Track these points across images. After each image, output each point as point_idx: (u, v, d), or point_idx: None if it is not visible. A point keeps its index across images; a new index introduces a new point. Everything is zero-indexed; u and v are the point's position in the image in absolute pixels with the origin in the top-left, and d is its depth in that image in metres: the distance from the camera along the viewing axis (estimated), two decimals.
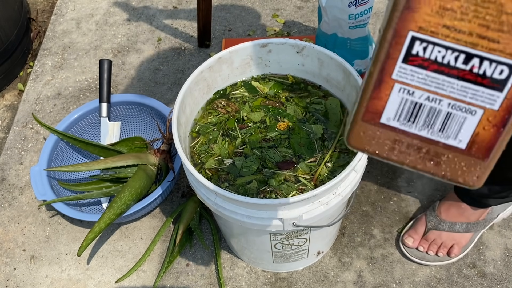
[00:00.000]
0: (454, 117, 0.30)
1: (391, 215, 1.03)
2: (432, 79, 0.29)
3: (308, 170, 0.75)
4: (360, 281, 0.96)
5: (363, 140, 0.32)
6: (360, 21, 1.04)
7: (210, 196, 0.71)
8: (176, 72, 1.31)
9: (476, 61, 0.28)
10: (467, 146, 0.30)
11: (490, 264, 0.96)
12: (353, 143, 0.32)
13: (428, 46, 0.28)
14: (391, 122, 0.31)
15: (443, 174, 0.31)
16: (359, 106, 0.31)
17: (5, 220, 1.08)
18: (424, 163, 0.31)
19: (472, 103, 0.29)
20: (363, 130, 0.31)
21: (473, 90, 0.29)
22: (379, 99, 0.30)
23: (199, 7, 1.21)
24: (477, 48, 0.27)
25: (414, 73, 0.29)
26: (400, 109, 0.30)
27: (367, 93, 0.30)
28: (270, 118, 0.82)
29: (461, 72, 0.28)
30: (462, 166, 0.31)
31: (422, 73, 0.29)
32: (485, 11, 0.26)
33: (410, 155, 0.31)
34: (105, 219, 0.87)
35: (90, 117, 1.09)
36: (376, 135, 0.31)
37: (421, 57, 0.28)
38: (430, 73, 0.29)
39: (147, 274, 0.99)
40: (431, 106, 0.30)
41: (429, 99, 0.30)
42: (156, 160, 1.00)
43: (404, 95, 0.30)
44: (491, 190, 0.86)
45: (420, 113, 0.30)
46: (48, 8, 1.55)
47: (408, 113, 0.30)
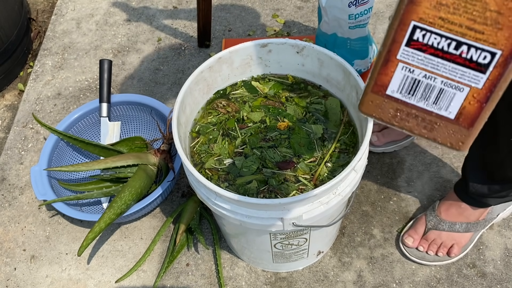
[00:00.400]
0: (446, 93, 0.36)
1: (391, 215, 1.03)
2: (429, 60, 0.35)
3: (308, 170, 0.75)
4: (360, 281, 0.96)
5: (371, 108, 0.39)
6: (360, 21, 1.04)
7: (210, 196, 0.71)
8: (176, 72, 1.31)
9: (465, 47, 0.33)
10: (456, 116, 0.37)
11: (490, 264, 0.96)
12: (363, 110, 0.39)
13: (427, 34, 0.34)
14: (394, 94, 0.38)
15: (435, 138, 0.38)
16: (370, 80, 0.38)
17: (5, 220, 1.08)
18: (420, 128, 0.38)
19: (460, 81, 0.35)
20: (371, 99, 0.38)
21: (462, 71, 0.35)
22: (385, 75, 0.37)
23: (199, 7, 1.21)
24: (465, 37, 0.33)
25: (414, 54, 0.35)
26: (402, 84, 0.37)
27: (376, 70, 0.37)
28: (270, 118, 0.82)
29: (452, 56, 0.34)
30: (450, 132, 0.37)
31: (421, 55, 0.35)
32: (472, 7, 0.32)
33: (408, 121, 0.38)
34: (105, 219, 0.87)
35: (90, 117, 1.09)
36: (382, 104, 0.38)
37: (421, 42, 0.35)
38: (427, 55, 0.35)
39: (147, 274, 0.99)
40: (427, 83, 0.36)
41: (426, 76, 0.36)
42: (156, 160, 1.00)
43: (406, 72, 0.36)
44: (491, 189, 0.86)
45: (418, 88, 0.37)
46: (48, 8, 1.55)
47: (408, 87, 0.37)
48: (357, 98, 0.76)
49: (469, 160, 0.89)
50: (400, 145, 1.10)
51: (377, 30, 1.34)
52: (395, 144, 1.09)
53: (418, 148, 1.12)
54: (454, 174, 1.08)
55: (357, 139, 0.79)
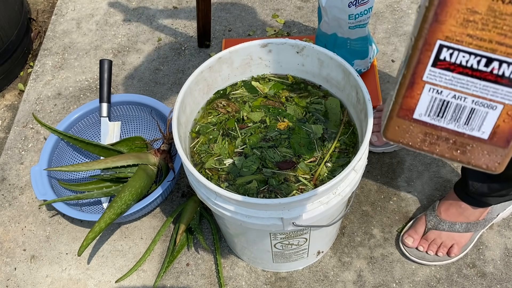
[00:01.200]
0: (477, 112, 0.34)
1: (391, 215, 1.03)
2: (457, 80, 0.33)
3: (308, 170, 0.75)
4: (360, 281, 0.96)
5: (398, 134, 0.37)
6: (360, 21, 1.04)
7: (210, 196, 0.71)
8: (176, 72, 1.31)
9: (496, 64, 0.32)
10: (489, 136, 0.35)
11: (489, 264, 0.96)
12: (389, 136, 0.38)
13: (454, 52, 0.32)
14: (422, 117, 0.36)
15: (469, 161, 0.36)
16: (394, 104, 0.36)
17: (6, 220, 1.08)
18: (451, 152, 0.36)
19: (493, 99, 0.33)
20: (398, 124, 0.36)
21: (494, 89, 0.33)
22: (411, 98, 0.35)
23: (199, 7, 1.21)
24: (496, 53, 0.32)
25: (442, 75, 0.34)
26: (430, 106, 0.35)
27: (401, 93, 0.35)
28: (270, 118, 0.82)
29: (483, 74, 0.33)
30: (485, 153, 0.35)
31: (449, 75, 0.33)
32: (502, 22, 0.30)
33: (439, 145, 0.36)
34: (105, 219, 0.87)
35: (91, 117, 1.09)
36: (410, 129, 0.36)
37: (448, 61, 0.33)
38: (456, 75, 0.33)
39: (147, 274, 0.99)
40: (457, 103, 0.34)
41: (455, 97, 0.34)
42: (156, 160, 1.00)
43: (433, 94, 0.34)
44: (491, 188, 0.86)
45: (447, 109, 0.35)
46: (49, 8, 1.55)
47: (437, 110, 0.35)
48: (357, 98, 0.76)
49: None
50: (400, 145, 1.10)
51: (377, 30, 1.34)
52: (395, 144, 1.09)
53: None
54: (454, 174, 1.08)
55: (357, 139, 0.79)
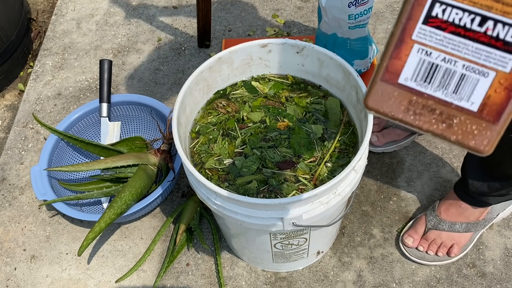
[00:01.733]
0: (468, 79, 0.31)
1: (390, 215, 1.03)
2: (448, 41, 0.31)
3: (308, 170, 0.75)
4: (360, 281, 0.96)
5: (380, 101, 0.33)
6: (360, 21, 1.04)
7: (210, 196, 0.71)
8: (176, 72, 1.31)
9: (491, 23, 0.29)
10: (479, 108, 0.31)
11: (489, 264, 0.96)
12: (370, 104, 0.33)
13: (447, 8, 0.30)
14: (408, 82, 0.32)
15: (455, 137, 0.32)
16: (379, 67, 0.32)
17: (6, 220, 1.08)
18: (437, 125, 0.32)
19: (485, 65, 0.30)
20: (381, 90, 0.33)
21: (487, 52, 0.30)
22: (398, 59, 0.32)
23: (199, 7, 1.21)
24: (491, 11, 0.29)
25: (432, 34, 0.31)
26: (418, 69, 0.32)
27: (387, 53, 0.32)
28: (270, 118, 0.82)
29: (476, 34, 0.30)
30: (473, 129, 0.32)
31: (440, 34, 0.31)
32: None
33: (424, 116, 0.32)
34: (105, 219, 0.87)
35: (91, 117, 1.09)
36: (394, 95, 0.33)
37: (440, 18, 0.30)
38: (447, 34, 0.31)
39: (147, 274, 0.99)
40: (446, 67, 0.31)
41: (445, 60, 0.31)
42: (156, 160, 1.00)
43: (422, 55, 0.31)
44: (491, 187, 0.86)
45: (436, 74, 0.32)
46: (49, 8, 1.55)
47: (424, 74, 0.32)
48: (357, 98, 0.76)
49: (468, 159, 0.89)
50: (400, 145, 1.10)
51: (377, 30, 1.34)
52: (395, 144, 1.09)
53: (418, 148, 1.12)
54: (454, 174, 1.08)
55: (357, 139, 0.79)
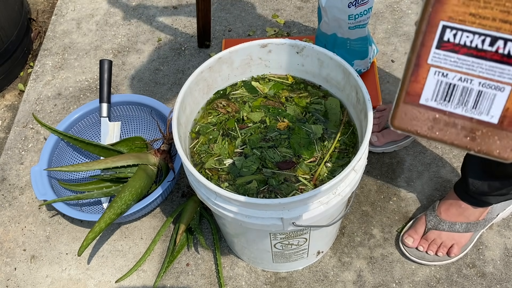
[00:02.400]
0: (485, 95, 0.33)
1: (390, 215, 1.03)
2: (463, 62, 0.33)
3: (308, 170, 0.75)
4: (360, 281, 0.96)
5: (405, 121, 0.36)
6: (360, 21, 1.04)
7: (210, 196, 0.71)
8: (176, 72, 1.31)
9: (501, 42, 0.31)
10: (499, 120, 0.33)
11: (489, 264, 0.96)
12: (396, 125, 0.36)
13: (458, 33, 0.32)
14: (429, 102, 0.34)
15: (479, 148, 0.34)
16: (401, 90, 0.35)
17: (6, 220, 1.08)
18: (461, 139, 0.34)
19: (500, 80, 0.32)
20: (405, 111, 0.35)
21: (500, 69, 0.32)
22: (417, 82, 0.34)
23: (198, 7, 1.21)
24: (500, 31, 0.31)
25: (446, 57, 0.33)
26: (436, 90, 0.34)
27: (407, 78, 0.34)
28: (270, 118, 0.82)
29: (488, 54, 0.32)
30: (495, 140, 0.34)
31: (454, 56, 0.33)
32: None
33: (448, 132, 0.35)
34: (105, 219, 0.87)
35: (91, 117, 1.09)
36: (417, 115, 0.35)
37: (452, 42, 0.32)
38: (461, 56, 0.32)
39: (147, 274, 0.99)
40: (463, 86, 0.33)
41: (461, 79, 0.33)
42: (156, 160, 1.00)
43: (439, 77, 0.34)
44: (491, 186, 0.86)
45: (454, 93, 0.34)
46: (49, 8, 1.56)
47: (443, 93, 0.34)
48: (357, 98, 0.76)
49: (468, 159, 0.89)
50: (400, 145, 1.10)
51: (377, 30, 1.34)
52: (395, 144, 1.09)
53: (418, 148, 1.12)
54: (454, 174, 1.08)
55: (357, 139, 0.79)
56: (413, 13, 1.37)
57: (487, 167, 0.84)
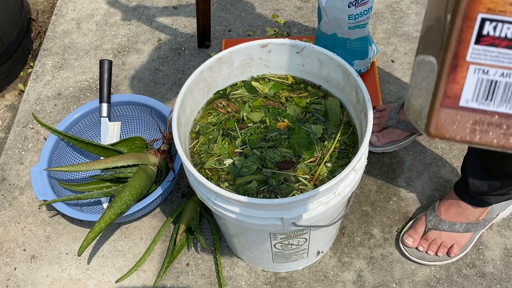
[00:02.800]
0: None
1: (390, 215, 1.03)
2: (504, 55, 0.30)
3: (308, 170, 0.75)
4: (360, 281, 0.96)
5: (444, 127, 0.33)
6: (360, 21, 1.04)
7: (210, 196, 0.71)
8: (176, 72, 1.31)
9: None
10: None
11: (489, 264, 0.96)
12: (434, 132, 0.33)
13: (498, 25, 0.29)
14: (469, 103, 0.32)
15: None
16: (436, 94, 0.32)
17: (6, 220, 1.08)
18: (507, 139, 0.32)
19: None
20: (444, 116, 0.32)
21: None
22: (456, 83, 0.31)
23: (198, 7, 1.21)
24: None
25: (486, 52, 0.30)
26: (478, 89, 0.31)
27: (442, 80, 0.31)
28: (270, 118, 0.82)
29: None
30: None
31: (494, 51, 0.30)
32: None
33: (492, 133, 0.32)
34: (105, 219, 0.87)
35: (91, 117, 1.10)
36: (457, 119, 0.32)
37: (492, 36, 0.30)
38: (501, 49, 0.30)
39: (147, 274, 0.99)
40: (506, 81, 0.31)
41: (503, 75, 0.31)
42: (156, 160, 1.00)
43: (479, 75, 0.31)
44: (491, 186, 0.86)
45: (496, 90, 0.31)
46: (49, 8, 1.56)
47: (485, 92, 0.31)
48: (357, 98, 0.76)
49: (468, 159, 0.89)
50: (400, 145, 1.10)
51: (377, 30, 1.34)
52: (395, 144, 1.09)
53: (418, 148, 1.12)
54: (454, 174, 1.08)
55: (357, 139, 0.79)
56: (413, 13, 1.37)
57: (487, 167, 0.84)
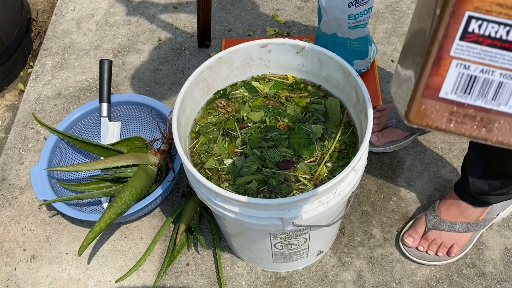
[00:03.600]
0: (505, 86, 0.33)
1: (390, 215, 1.03)
2: (485, 53, 0.32)
3: (308, 170, 0.75)
4: (360, 281, 0.96)
5: (423, 115, 0.35)
6: (360, 21, 1.04)
7: (210, 196, 0.71)
8: (176, 72, 1.31)
9: None
10: None
11: (489, 264, 0.96)
12: (413, 119, 0.36)
13: (483, 23, 0.31)
14: (448, 95, 0.34)
15: (496, 139, 0.35)
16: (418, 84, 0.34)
17: (6, 220, 1.08)
18: (478, 130, 0.35)
19: None
20: (423, 105, 0.35)
21: None
22: (438, 75, 0.34)
23: (199, 6, 1.21)
24: None
25: (470, 48, 0.33)
26: (457, 83, 0.34)
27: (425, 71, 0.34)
28: (270, 118, 0.82)
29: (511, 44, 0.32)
30: None
31: (477, 48, 0.32)
32: None
33: (466, 124, 0.35)
34: (105, 219, 0.87)
35: (91, 117, 1.10)
36: (435, 108, 0.35)
37: (477, 33, 0.32)
38: (484, 47, 0.32)
39: (147, 274, 0.99)
40: (484, 78, 0.33)
41: (483, 71, 0.33)
42: (156, 160, 1.00)
43: (460, 69, 0.33)
44: (492, 186, 0.86)
45: (474, 85, 0.34)
46: (49, 8, 1.56)
47: (464, 86, 0.34)
48: (357, 98, 0.76)
49: (469, 158, 0.89)
50: (400, 145, 1.10)
51: (377, 30, 1.34)
52: (395, 144, 1.09)
53: (418, 148, 1.12)
54: (454, 174, 1.08)
55: (357, 139, 0.79)
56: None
57: (488, 167, 0.84)
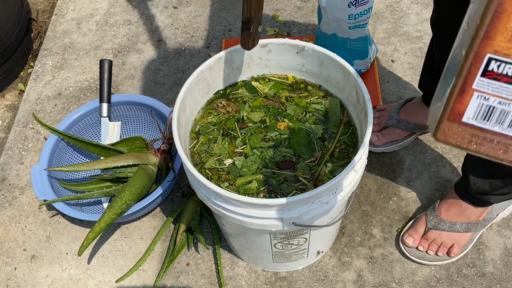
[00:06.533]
0: None
1: (390, 215, 1.03)
2: (503, 88, 0.38)
3: (308, 170, 0.75)
4: (360, 281, 0.96)
5: (447, 135, 0.41)
6: (360, 21, 1.04)
7: (210, 196, 0.72)
8: (176, 72, 1.31)
9: None
10: None
11: (489, 264, 0.96)
12: (440, 138, 0.42)
13: (501, 64, 0.37)
14: (470, 121, 0.40)
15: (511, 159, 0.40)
16: (445, 109, 0.41)
17: (6, 219, 1.08)
18: (495, 151, 0.40)
19: None
20: (448, 127, 0.41)
21: None
22: (461, 104, 0.39)
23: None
24: None
25: (489, 84, 0.38)
26: (478, 111, 0.39)
27: (451, 100, 0.40)
28: (270, 118, 0.82)
29: None
30: None
31: (496, 84, 0.38)
32: None
33: (484, 145, 0.41)
34: (105, 219, 0.87)
35: (91, 117, 1.10)
36: (458, 131, 0.41)
37: (496, 72, 0.37)
38: (502, 83, 0.38)
39: (147, 274, 0.99)
40: (502, 108, 0.39)
41: (500, 103, 0.39)
42: (156, 160, 1.00)
43: (481, 100, 0.39)
44: (493, 186, 0.86)
45: (493, 114, 0.39)
46: (49, 8, 1.56)
47: (483, 114, 0.39)
48: (357, 98, 0.76)
49: (469, 158, 0.89)
50: (400, 145, 1.10)
51: (377, 30, 1.34)
52: (395, 144, 1.09)
53: (418, 148, 1.12)
54: (454, 174, 1.08)
55: (357, 139, 0.79)
56: (413, 13, 1.37)
57: (489, 167, 0.84)
